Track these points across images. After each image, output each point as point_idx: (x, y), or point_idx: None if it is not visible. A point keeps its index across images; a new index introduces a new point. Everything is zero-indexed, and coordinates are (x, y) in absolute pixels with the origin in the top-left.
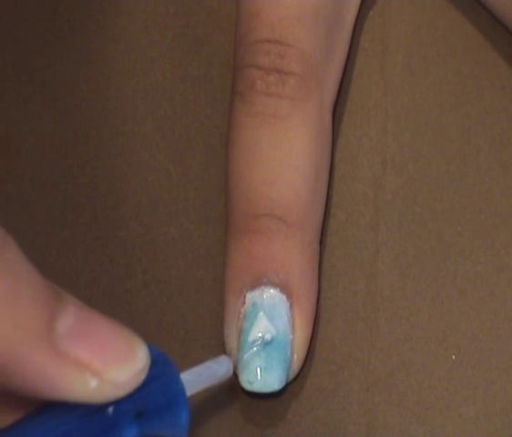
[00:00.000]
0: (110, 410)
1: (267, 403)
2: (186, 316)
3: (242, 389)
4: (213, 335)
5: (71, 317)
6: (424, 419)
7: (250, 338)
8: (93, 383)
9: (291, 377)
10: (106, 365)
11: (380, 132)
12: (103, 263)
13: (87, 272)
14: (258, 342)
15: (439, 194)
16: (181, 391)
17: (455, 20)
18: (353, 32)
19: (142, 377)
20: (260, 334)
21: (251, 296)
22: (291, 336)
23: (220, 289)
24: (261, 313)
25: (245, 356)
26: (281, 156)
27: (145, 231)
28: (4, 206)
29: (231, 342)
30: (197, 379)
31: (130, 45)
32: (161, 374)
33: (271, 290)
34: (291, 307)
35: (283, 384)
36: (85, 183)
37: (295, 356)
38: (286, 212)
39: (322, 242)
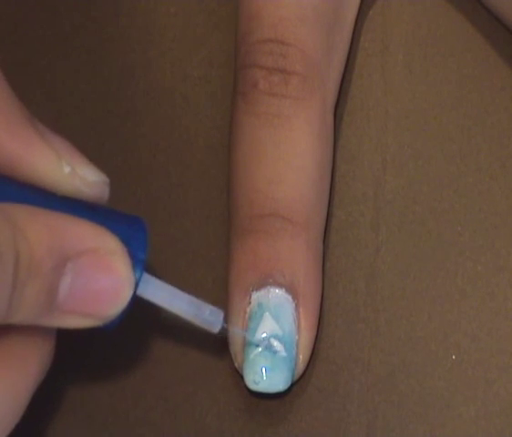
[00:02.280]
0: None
1: (267, 403)
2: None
3: (247, 389)
4: (214, 335)
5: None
6: (424, 419)
7: (256, 338)
8: (67, 169)
9: (296, 377)
10: (79, 162)
11: (380, 132)
12: None
13: None
14: (263, 343)
15: (439, 194)
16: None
17: (455, 20)
18: (353, 32)
19: (107, 191)
20: (265, 334)
21: (257, 296)
22: (296, 336)
23: (220, 289)
24: (267, 313)
25: (250, 356)
26: (286, 155)
27: None
28: None
29: (236, 342)
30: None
31: (130, 45)
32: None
33: (277, 290)
34: (296, 307)
35: (288, 385)
36: None
37: (300, 357)
38: (291, 212)
39: (323, 242)
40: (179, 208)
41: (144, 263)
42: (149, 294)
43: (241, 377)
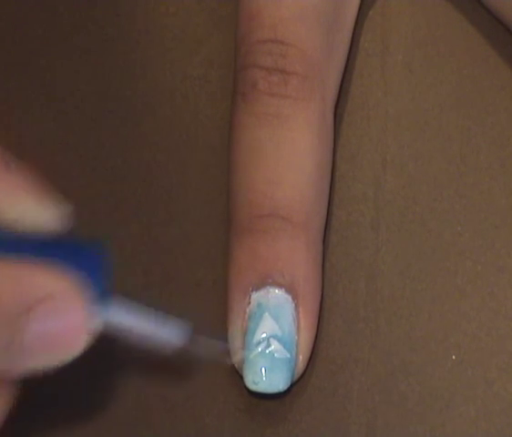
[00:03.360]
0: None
1: (267, 403)
2: (186, 317)
3: (247, 389)
4: (214, 335)
5: None
6: (424, 419)
7: (256, 338)
8: (22, 206)
9: (296, 377)
10: (38, 194)
11: (380, 132)
12: None
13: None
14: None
15: (439, 194)
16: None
17: (455, 20)
18: (353, 32)
19: (66, 223)
20: (264, 334)
21: (257, 296)
22: (296, 337)
23: (220, 289)
24: (267, 313)
25: (250, 356)
26: (285, 156)
27: (145, 231)
28: None
29: (236, 342)
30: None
31: (130, 45)
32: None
33: (277, 291)
34: (295, 307)
35: (288, 385)
36: (85, 183)
37: (300, 357)
38: (291, 212)
39: (323, 242)
40: (179, 208)
41: (105, 291)
42: (112, 318)
43: (241, 377)
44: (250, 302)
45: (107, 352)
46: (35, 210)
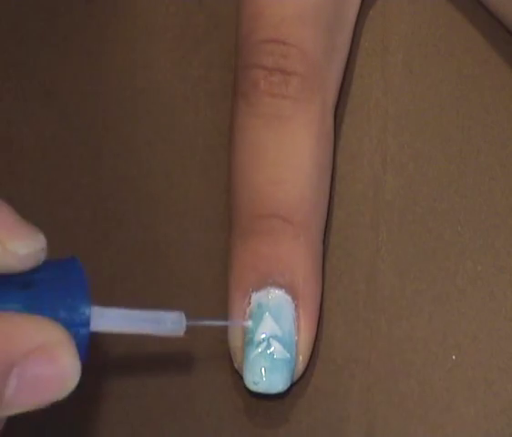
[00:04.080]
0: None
1: (267, 403)
2: (186, 316)
3: (247, 389)
4: (213, 335)
5: None
6: (424, 419)
7: (256, 338)
8: None
9: (296, 378)
10: (9, 236)
11: (380, 132)
12: (103, 263)
13: (86, 272)
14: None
15: (439, 194)
16: (82, 284)
17: (455, 20)
18: (354, 32)
19: (42, 256)
20: (264, 335)
21: (257, 296)
22: (296, 337)
23: (220, 288)
24: (267, 314)
25: (250, 357)
26: (286, 156)
27: (145, 231)
28: None
29: (236, 342)
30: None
31: (130, 45)
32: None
33: (277, 291)
34: (296, 308)
35: (288, 385)
36: (85, 183)
37: (300, 357)
38: (291, 213)
39: (323, 242)
40: (179, 208)
41: (90, 304)
42: (105, 326)
43: (241, 377)
44: (250, 303)
45: (107, 352)
46: (12, 248)
